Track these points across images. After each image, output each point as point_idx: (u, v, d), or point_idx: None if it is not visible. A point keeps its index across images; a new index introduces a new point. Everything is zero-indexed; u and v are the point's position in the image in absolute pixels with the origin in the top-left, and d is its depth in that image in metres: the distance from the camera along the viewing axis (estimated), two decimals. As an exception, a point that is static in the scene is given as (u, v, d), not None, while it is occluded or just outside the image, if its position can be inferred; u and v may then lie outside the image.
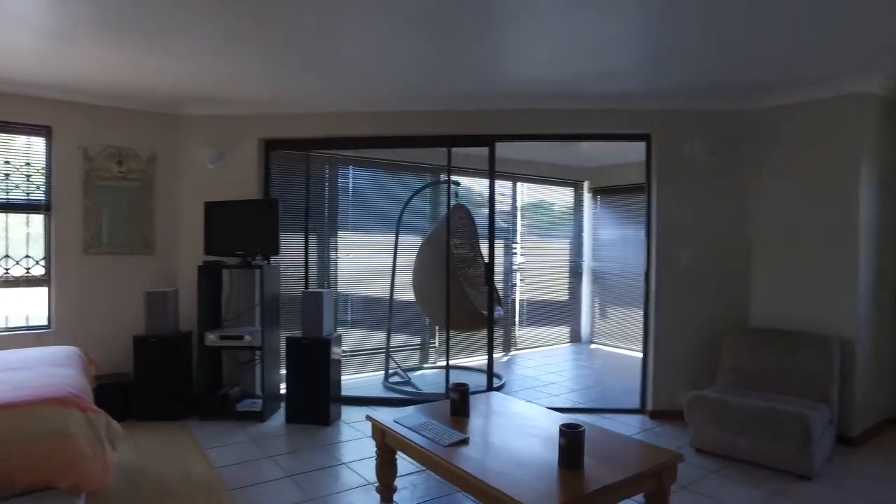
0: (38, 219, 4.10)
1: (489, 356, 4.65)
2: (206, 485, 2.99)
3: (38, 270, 4.11)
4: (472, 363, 6.05)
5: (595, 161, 6.96)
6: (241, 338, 4.06)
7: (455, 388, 2.88)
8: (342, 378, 4.33)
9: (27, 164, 4.05)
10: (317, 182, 5.08)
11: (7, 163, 3.99)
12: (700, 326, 4.19)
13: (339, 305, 5.34)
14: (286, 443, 3.68)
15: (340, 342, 4.33)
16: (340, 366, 4.29)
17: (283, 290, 4.59)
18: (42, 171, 4.08)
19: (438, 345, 6.11)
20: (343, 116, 4.42)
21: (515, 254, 6.99)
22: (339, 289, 5.39)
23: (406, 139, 4.55)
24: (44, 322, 4.10)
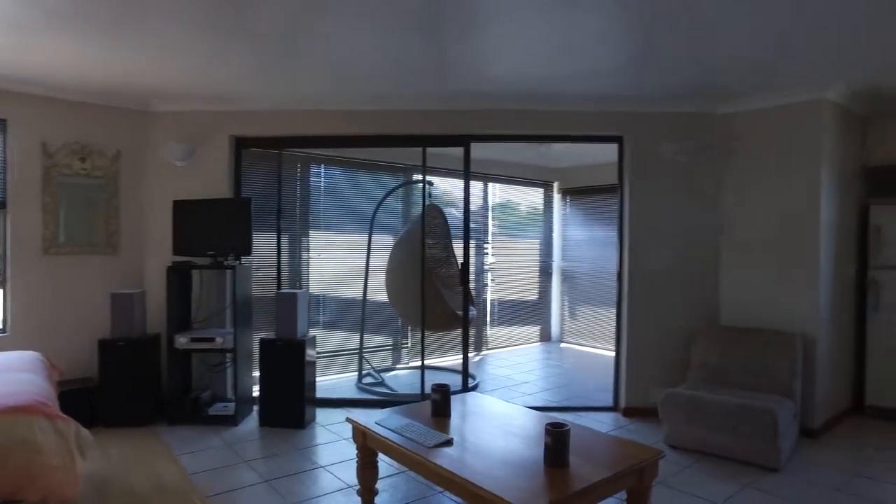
0: (-6, 217, 3.91)
1: (464, 356, 4.66)
2: (180, 492, 2.90)
3: (-6, 271, 3.91)
4: (445, 363, 6.06)
5: (565, 162, 7.05)
6: (213, 340, 3.95)
7: (437, 389, 2.87)
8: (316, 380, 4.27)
9: (-19, 160, 3.86)
10: (289, 181, 4.99)
11: (-41, 158, 3.79)
12: (671, 325, 4.30)
13: (312, 306, 5.26)
14: (261, 447, 3.61)
15: (315, 344, 4.27)
16: (315, 367, 4.23)
17: (254, 291, 4.49)
18: (-2, 167, 3.89)
19: (411, 345, 6.09)
20: (317, 115, 4.35)
21: (487, 254, 7.03)
22: (312, 289, 5.31)
23: (381, 138, 4.52)
24: (-2, 326, 3.92)
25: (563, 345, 7.45)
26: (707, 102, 4.20)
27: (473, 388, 4.98)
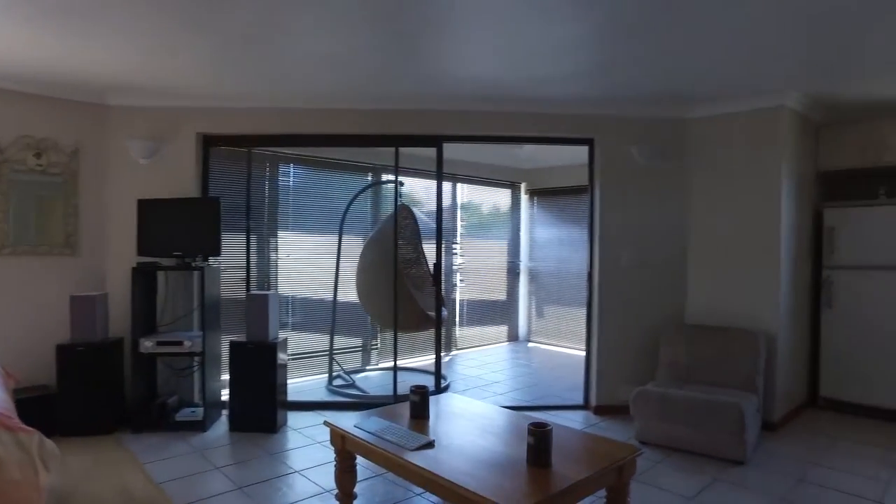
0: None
1: (437, 357, 4.66)
2: (150, 502, 2.80)
3: (-59, 274, 3.69)
4: (415, 364, 6.05)
5: (532, 163, 7.13)
6: (181, 343, 3.83)
7: (415, 391, 2.86)
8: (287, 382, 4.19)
9: (-73, 155, 3.63)
10: (258, 180, 4.88)
11: None
12: (641, 324, 4.40)
13: (281, 307, 5.16)
14: (232, 452, 3.52)
15: (286, 346, 4.19)
16: (286, 370, 4.15)
17: (222, 293, 4.37)
18: (-55, 163, 3.67)
19: (381, 346, 6.05)
20: (286, 113, 4.27)
21: (455, 254, 7.04)
22: (281, 290, 5.21)
23: (352, 138, 4.47)
24: (-54, 331, 3.69)
25: (531, 344, 7.53)
26: (675, 107, 4.32)
27: (445, 389, 4.98)
